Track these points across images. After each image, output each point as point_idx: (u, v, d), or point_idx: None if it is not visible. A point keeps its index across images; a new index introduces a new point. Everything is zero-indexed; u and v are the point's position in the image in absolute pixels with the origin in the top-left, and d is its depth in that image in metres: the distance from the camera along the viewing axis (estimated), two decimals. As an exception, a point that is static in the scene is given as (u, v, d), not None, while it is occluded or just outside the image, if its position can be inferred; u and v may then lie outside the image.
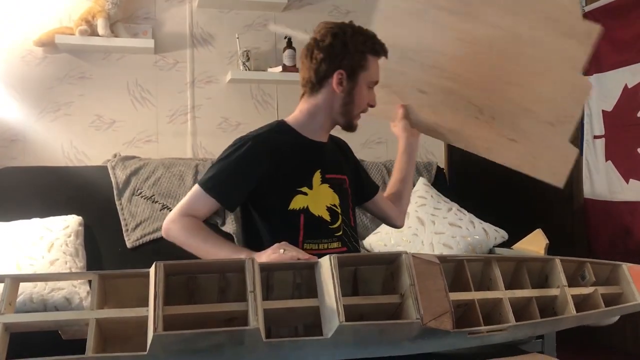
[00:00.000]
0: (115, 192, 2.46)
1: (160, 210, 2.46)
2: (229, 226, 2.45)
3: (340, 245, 1.63)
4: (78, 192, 2.43)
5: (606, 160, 2.98)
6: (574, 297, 1.35)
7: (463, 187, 3.12)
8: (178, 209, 1.54)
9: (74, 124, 2.73)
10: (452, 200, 2.74)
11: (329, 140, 1.73)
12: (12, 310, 1.05)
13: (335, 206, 1.63)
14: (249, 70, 2.88)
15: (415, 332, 1.09)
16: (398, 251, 1.15)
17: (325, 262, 1.11)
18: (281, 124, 1.67)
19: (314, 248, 1.58)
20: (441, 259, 1.18)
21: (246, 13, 2.98)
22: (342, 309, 1.03)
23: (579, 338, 2.64)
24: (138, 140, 2.81)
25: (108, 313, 1.05)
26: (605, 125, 2.99)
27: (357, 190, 1.79)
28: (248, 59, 2.87)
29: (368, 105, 1.66)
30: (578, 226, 3.19)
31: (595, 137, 3.04)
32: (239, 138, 1.61)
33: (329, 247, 1.61)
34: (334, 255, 1.10)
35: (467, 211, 2.66)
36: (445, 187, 2.90)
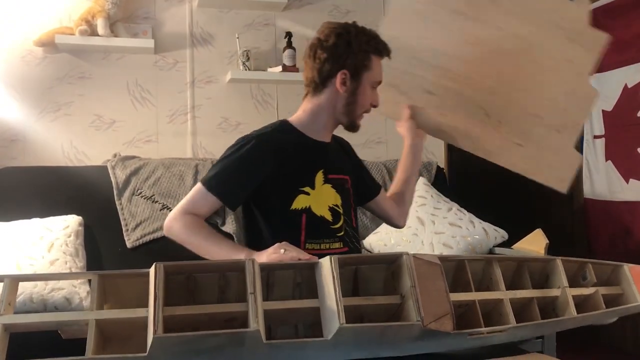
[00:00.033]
0: (115, 192, 2.46)
1: (160, 210, 2.46)
2: (229, 226, 2.45)
3: (342, 245, 1.63)
4: (78, 192, 2.42)
5: (606, 160, 2.98)
6: (575, 298, 1.35)
7: (463, 187, 3.12)
8: (180, 207, 1.54)
9: (74, 124, 2.73)
10: (452, 200, 2.74)
11: (332, 140, 1.73)
12: (12, 310, 1.05)
13: (337, 206, 1.63)
14: (249, 70, 2.88)
15: (415, 334, 1.09)
16: (399, 252, 1.15)
17: (325, 263, 1.10)
18: (284, 124, 1.67)
19: (316, 248, 1.58)
20: (442, 259, 1.18)
21: (246, 13, 2.98)
22: (343, 311, 1.03)
23: (579, 337, 2.63)
24: (138, 140, 2.81)
25: (108, 314, 1.05)
26: (605, 125, 2.99)
27: (360, 190, 1.79)
28: (248, 59, 2.87)
29: (371, 105, 1.66)
30: (578, 226, 3.19)
31: (595, 137, 3.04)
32: (242, 137, 1.61)
33: (331, 247, 1.61)
34: (335, 256, 1.10)
35: (467, 211, 2.66)
36: (445, 187, 2.90)
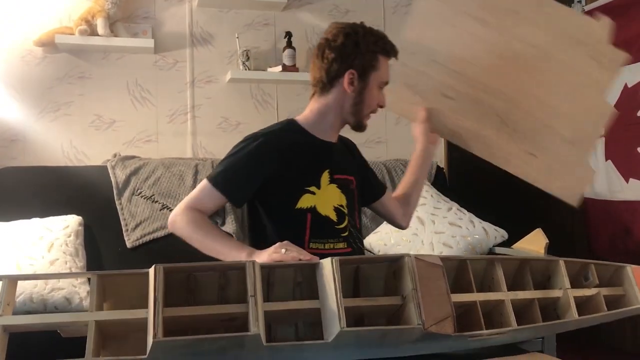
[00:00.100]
0: (115, 192, 2.46)
1: (160, 210, 2.45)
2: (229, 226, 2.45)
3: (345, 245, 1.63)
4: (78, 192, 2.42)
5: (606, 159, 2.98)
6: (576, 298, 1.35)
7: (463, 187, 3.11)
8: (185, 203, 1.54)
9: (74, 124, 2.72)
10: (452, 199, 2.73)
11: (338, 140, 1.73)
12: (11, 310, 1.05)
13: (342, 207, 1.64)
14: (249, 69, 2.87)
15: (416, 336, 1.09)
16: (401, 254, 1.15)
17: (327, 265, 1.10)
18: (291, 123, 1.68)
19: (320, 248, 1.58)
20: (444, 259, 1.17)
21: (246, 12, 2.98)
22: (344, 314, 1.03)
23: (579, 337, 2.63)
24: (138, 140, 2.81)
25: (107, 315, 1.05)
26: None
27: (365, 190, 1.79)
28: (248, 59, 2.87)
29: (378, 105, 1.67)
30: (578, 225, 3.19)
31: (595, 137, 3.04)
32: (250, 135, 1.62)
33: (335, 247, 1.61)
34: (336, 257, 1.10)
35: (467, 210, 2.66)
36: (445, 187, 2.90)
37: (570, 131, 1.64)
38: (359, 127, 1.68)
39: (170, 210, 2.43)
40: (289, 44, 2.92)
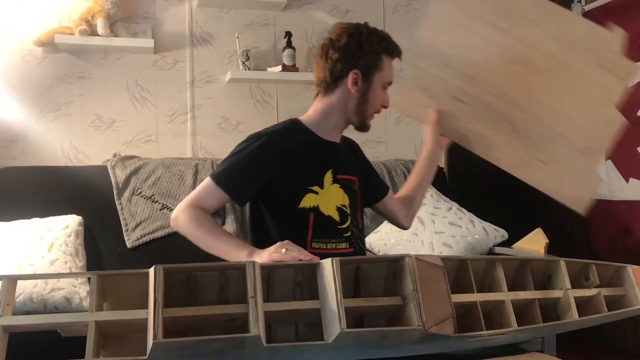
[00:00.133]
0: (115, 192, 2.46)
1: (160, 210, 2.45)
2: (229, 226, 2.45)
3: (348, 246, 1.63)
4: (78, 192, 2.42)
5: (606, 159, 2.97)
6: (577, 299, 1.35)
7: (463, 187, 3.11)
8: (188, 200, 1.54)
9: (74, 124, 2.72)
10: (452, 199, 2.73)
11: (341, 140, 1.74)
12: (11, 310, 1.05)
13: (345, 207, 1.64)
14: (249, 69, 2.87)
15: (416, 337, 1.09)
16: (402, 254, 1.15)
17: (327, 265, 1.10)
18: (295, 123, 1.68)
19: (322, 247, 1.58)
20: (444, 260, 1.17)
21: (246, 12, 2.98)
22: (344, 316, 1.02)
23: (580, 337, 2.63)
24: (138, 140, 2.81)
25: (107, 315, 1.05)
26: (605, 124, 2.98)
27: (368, 191, 1.80)
28: (248, 59, 2.87)
29: (381, 106, 1.67)
30: (578, 225, 3.19)
31: (595, 136, 3.03)
32: (254, 134, 1.62)
33: (337, 247, 1.61)
34: (337, 258, 1.09)
35: (467, 210, 2.66)
36: (445, 187, 2.89)
37: (580, 140, 1.65)
38: (363, 127, 1.68)
39: (170, 210, 2.43)
40: (289, 44, 2.92)
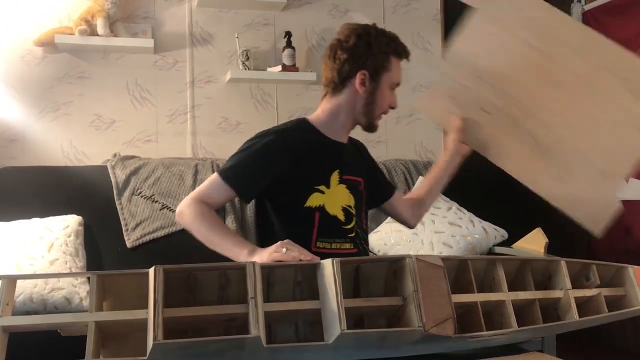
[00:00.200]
0: (115, 192, 2.46)
1: (160, 209, 2.45)
2: (229, 225, 2.45)
3: (352, 246, 1.64)
4: (78, 192, 2.42)
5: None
6: (577, 299, 1.35)
7: (463, 186, 3.10)
8: (194, 194, 1.54)
9: (74, 124, 2.72)
10: (452, 199, 2.73)
11: (348, 141, 1.74)
12: (10, 310, 1.05)
13: (350, 207, 1.64)
14: (249, 69, 2.87)
15: (416, 338, 1.09)
16: (402, 255, 1.15)
17: (328, 265, 1.10)
18: (304, 122, 1.68)
19: (327, 247, 1.58)
20: (445, 260, 1.17)
21: (246, 12, 2.98)
22: (344, 316, 1.02)
23: (580, 337, 2.63)
24: (138, 140, 2.81)
25: (107, 315, 1.04)
26: (605, 124, 2.98)
27: (374, 191, 1.80)
28: (247, 59, 2.87)
29: (389, 106, 1.68)
30: (578, 225, 3.18)
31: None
32: (262, 131, 1.62)
33: (341, 248, 1.61)
34: (337, 259, 1.09)
35: (467, 210, 2.66)
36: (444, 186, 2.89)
37: (602, 161, 1.65)
38: (370, 128, 1.69)
39: (170, 210, 2.43)
40: (289, 44, 2.92)
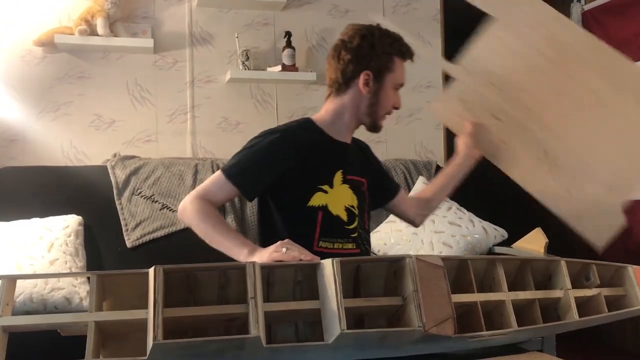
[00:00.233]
0: (115, 192, 2.46)
1: (160, 209, 2.45)
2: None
3: (354, 246, 1.64)
4: (78, 192, 2.42)
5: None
6: (577, 299, 1.35)
7: (462, 186, 3.10)
8: (197, 191, 1.54)
9: (74, 124, 2.72)
10: (452, 199, 2.73)
11: (352, 141, 1.74)
12: (10, 310, 1.05)
13: (353, 207, 1.64)
14: (249, 69, 2.87)
15: (416, 338, 1.09)
16: (402, 254, 1.15)
17: (328, 265, 1.10)
18: (308, 122, 1.68)
19: (329, 247, 1.58)
20: (445, 259, 1.17)
21: (245, 12, 2.98)
22: (344, 316, 1.02)
23: (580, 337, 2.63)
24: (138, 139, 2.81)
25: (107, 315, 1.04)
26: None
27: (379, 191, 1.80)
28: (247, 59, 2.87)
29: (393, 107, 1.68)
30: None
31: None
32: (267, 130, 1.62)
33: (344, 248, 1.61)
34: (337, 259, 1.09)
35: (467, 210, 2.66)
36: (445, 186, 2.89)
37: (611, 177, 1.65)
38: (374, 128, 1.70)
39: (170, 210, 2.43)
40: (289, 44, 2.92)
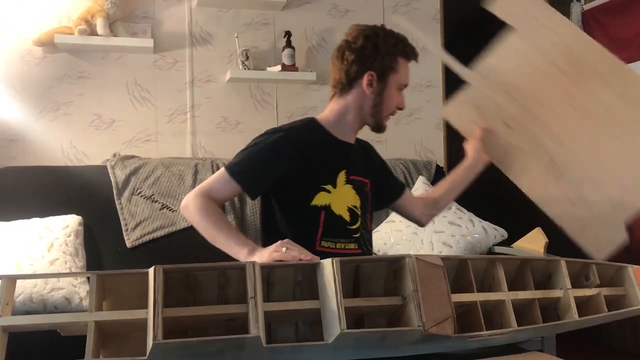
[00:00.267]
0: (114, 192, 2.46)
1: (159, 209, 2.45)
2: (229, 225, 2.44)
3: (356, 247, 1.64)
4: (78, 192, 2.42)
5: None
6: (577, 298, 1.35)
7: (463, 186, 3.11)
8: (200, 188, 1.54)
9: (74, 124, 2.72)
10: (452, 199, 2.73)
11: (356, 142, 1.74)
12: (10, 310, 1.05)
13: (356, 208, 1.64)
14: (248, 69, 2.87)
15: (416, 338, 1.09)
16: (402, 254, 1.15)
17: (327, 265, 1.10)
18: (312, 122, 1.69)
19: (331, 247, 1.58)
20: (444, 259, 1.17)
21: (245, 12, 2.98)
22: (344, 316, 1.02)
23: (580, 337, 2.64)
24: (137, 139, 2.81)
25: (107, 315, 1.04)
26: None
27: (383, 191, 1.80)
28: (247, 58, 2.87)
29: (397, 107, 1.68)
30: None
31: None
32: (271, 129, 1.63)
33: (346, 248, 1.61)
34: (337, 259, 1.09)
35: (467, 210, 2.66)
36: (445, 186, 2.89)
37: (617, 193, 1.65)
38: (378, 128, 1.70)
39: (170, 209, 2.43)
40: (288, 44, 2.92)
